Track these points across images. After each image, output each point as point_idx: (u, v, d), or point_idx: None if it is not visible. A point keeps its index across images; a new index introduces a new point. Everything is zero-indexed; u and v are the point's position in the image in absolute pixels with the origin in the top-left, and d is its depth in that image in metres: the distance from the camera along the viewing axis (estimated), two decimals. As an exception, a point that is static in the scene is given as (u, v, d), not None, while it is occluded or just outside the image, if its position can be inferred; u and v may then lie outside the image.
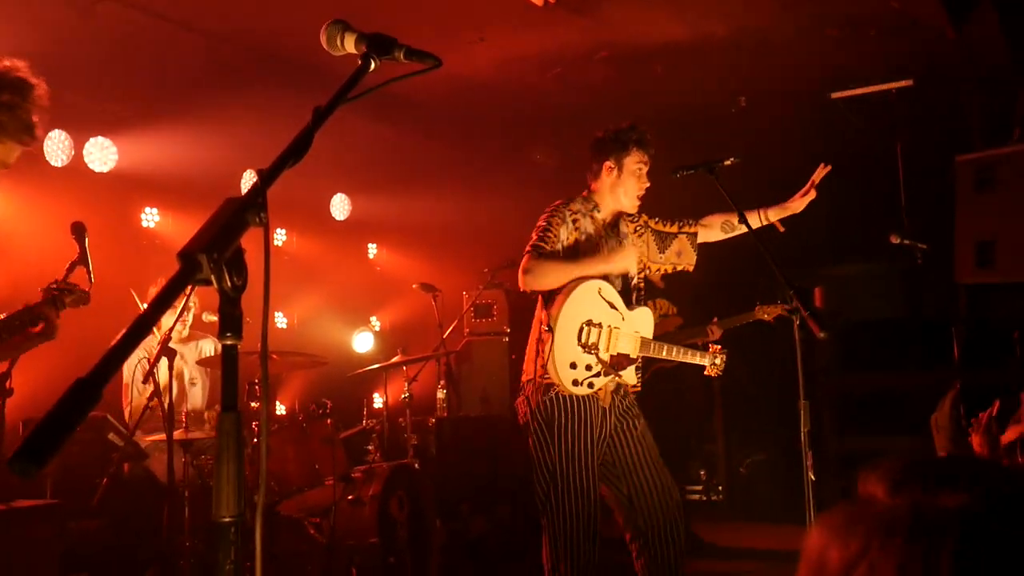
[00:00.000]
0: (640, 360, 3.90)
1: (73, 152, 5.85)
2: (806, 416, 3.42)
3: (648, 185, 3.94)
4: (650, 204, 4.10)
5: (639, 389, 3.96)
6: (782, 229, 4.05)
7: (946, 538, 0.80)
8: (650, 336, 3.91)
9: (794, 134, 7.40)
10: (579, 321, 3.68)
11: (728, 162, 3.87)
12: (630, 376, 3.89)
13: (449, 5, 5.44)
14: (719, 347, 4.06)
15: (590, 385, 3.71)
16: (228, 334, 1.16)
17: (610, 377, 3.77)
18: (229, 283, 1.14)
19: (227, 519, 1.14)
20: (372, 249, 8.14)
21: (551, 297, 3.73)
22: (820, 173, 4.15)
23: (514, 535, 6.38)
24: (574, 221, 3.81)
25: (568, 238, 3.78)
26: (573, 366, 3.66)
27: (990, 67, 6.08)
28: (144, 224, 6.35)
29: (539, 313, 3.85)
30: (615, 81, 6.64)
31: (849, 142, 7.28)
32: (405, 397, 5.73)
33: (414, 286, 6.50)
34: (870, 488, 0.93)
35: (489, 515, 6.31)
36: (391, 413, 6.03)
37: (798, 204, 4.14)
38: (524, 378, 3.85)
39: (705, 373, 4.07)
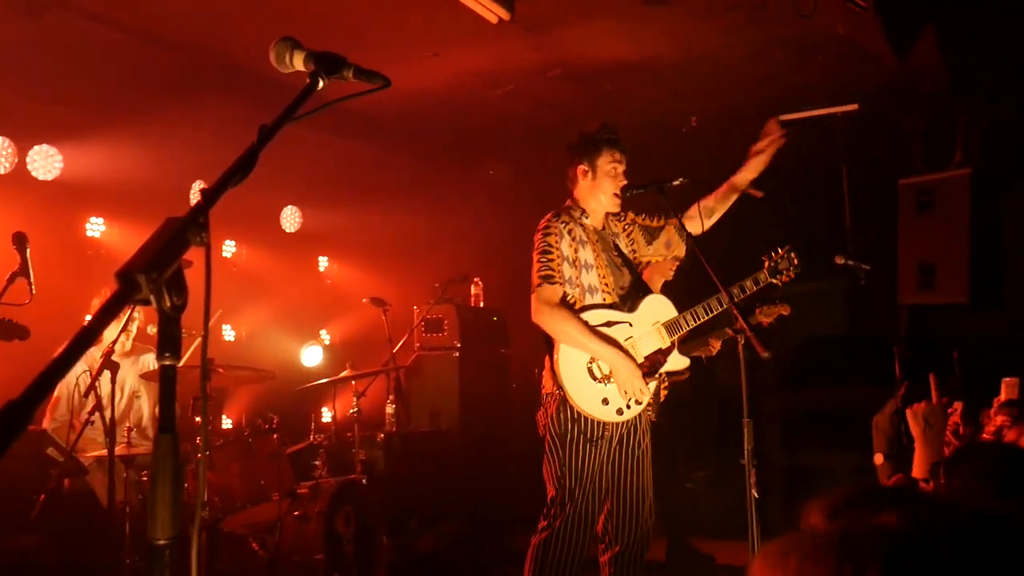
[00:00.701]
0: (677, 343, 3.90)
1: (16, 160, 5.72)
2: (750, 434, 3.47)
3: (625, 184, 3.94)
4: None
5: (654, 419, 3.97)
6: (759, 194, 4.02)
7: (873, 559, 0.83)
8: (674, 314, 3.90)
9: (743, 155, 7.52)
10: (581, 364, 3.72)
11: (677, 182, 3.93)
12: (679, 362, 3.92)
13: (404, 21, 5.44)
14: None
15: (637, 402, 3.76)
16: (167, 354, 1.15)
17: (656, 380, 3.82)
18: (168, 303, 1.13)
19: (162, 542, 1.12)
20: (323, 262, 8.09)
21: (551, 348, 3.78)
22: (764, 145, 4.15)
23: (462, 551, 6.37)
24: (569, 232, 3.82)
25: (570, 250, 3.78)
26: (606, 402, 3.72)
27: (932, 94, 6.24)
28: (89, 234, 6.23)
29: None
30: (567, 98, 6.69)
31: (796, 164, 7.41)
32: (354, 412, 5.70)
33: (364, 300, 6.47)
34: (810, 518, 0.95)
35: (437, 531, 6.29)
36: (340, 428, 5.98)
37: (750, 170, 4.19)
38: (543, 391, 3.87)
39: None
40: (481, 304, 7.43)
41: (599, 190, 3.94)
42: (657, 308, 3.92)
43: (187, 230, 1.17)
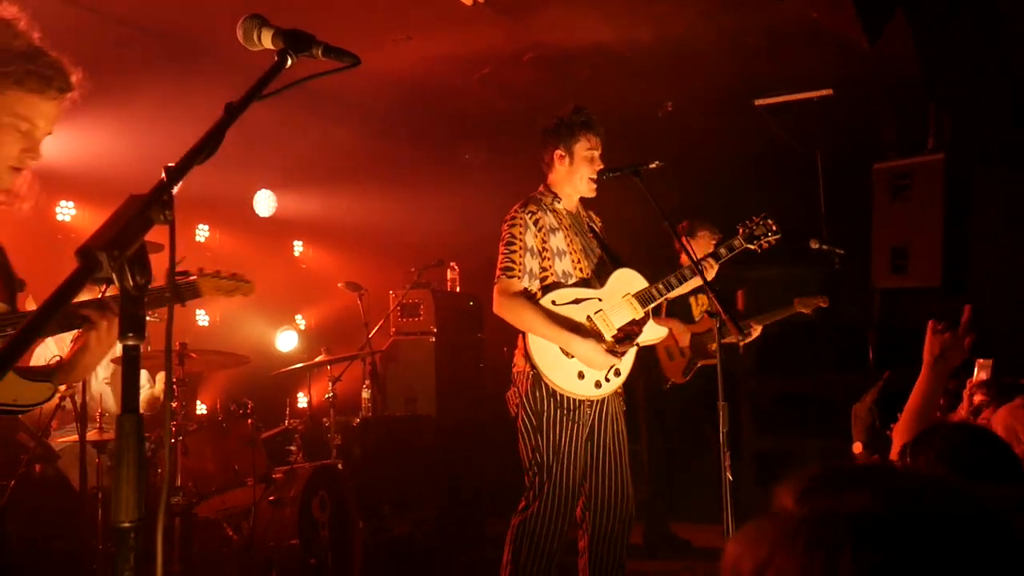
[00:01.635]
0: (650, 313, 3.90)
1: (-16, 143, 5.63)
2: (725, 417, 3.50)
3: (601, 168, 3.93)
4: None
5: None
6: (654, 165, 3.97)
7: (845, 538, 0.83)
8: (644, 285, 3.89)
9: (719, 139, 7.55)
10: (554, 346, 3.70)
11: (653, 165, 3.93)
12: (656, 331, 3.91)
13: (376, 4, 5.40)
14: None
15: (616, 373, 3.77)
16: (130, 334, 1.13)
17: (633, 347, 3.81)
18: (131, 282, 1.11)
19: (126, 524, 1.11)
20: (298, 247, 8.03)
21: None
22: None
23: (438, 536, 6.37)
24: (536, 222, 3.79)
25: (535, 241, 3.77)
26: (582, 376, 3.71)
27: (905, 79, 6.27)
28: (59, 218, 6.15)
29: None
30: (542, 82, 6.67)
31: (771, 148, 7.45)
32: (329, 397, 5.67)
33: (340, 285, 6.43)
34: (781, 500, 0.95)
35: (413, 516, 6.28)
36: (315, 413, 5.96)
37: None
38: (515, 370, 3.84)
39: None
40: (457, 289, 7.41)
41: (576, 175, 3.93)
42: (626, 280, 3.90)
43: (150, 208, 1.15)
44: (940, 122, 6.59)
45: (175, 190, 1.23)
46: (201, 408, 6.54)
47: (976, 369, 3.23)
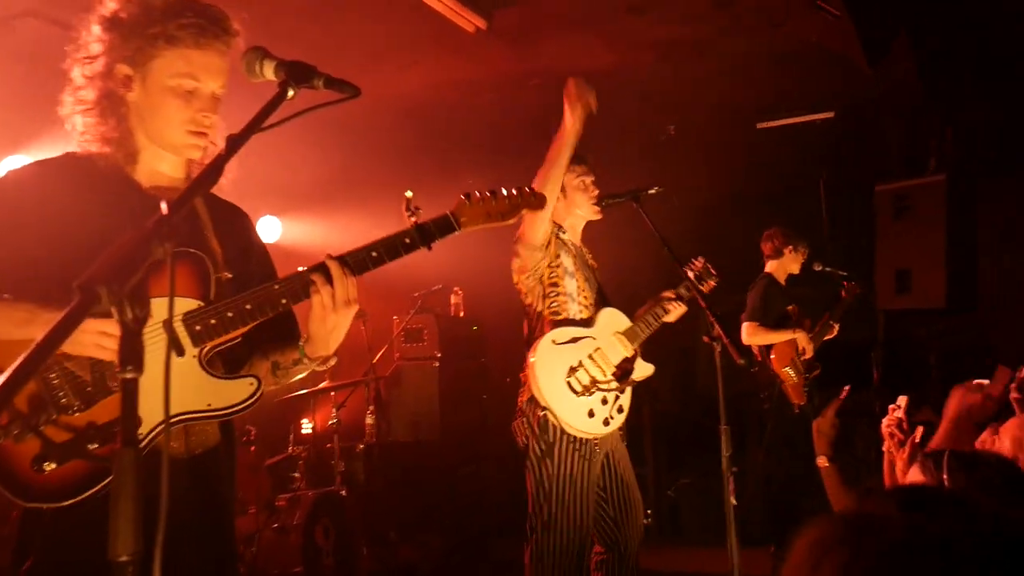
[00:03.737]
0: (639, 349, 3.97)
1: (-10, 171, 5.65)
2: (727, 441, 3.48)
3: (598, 192, 4.02)
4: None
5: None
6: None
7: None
8: (628, 324, 3.98)
9: (722, 162, 7.57)
10: (561, 379, 3.71)
11: (652, 191, 3.95)
12: (645, 368, 3.99)
13: (381, 30, 5.43)
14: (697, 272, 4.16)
15: (620, 410, 3.83)
16: (129, 367, 1.13)
17: (629, 385, 3.87)
18: (130, 315, 1.11)
19: (124, 558, 1.11)
20: (302, 272, 8.03)
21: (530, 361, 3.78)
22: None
23: (443, 562, 6.34)
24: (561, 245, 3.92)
25: (556, 262, 3.86)
26: (592, 414, 3.72)
27: (907, 100, 6.29)
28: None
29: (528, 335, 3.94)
30: (548, 107, 6.68)
31: (774, 171, 7.47)
32: (333, 423, 5.66)
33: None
34: (879, 504, 0.95)
35: (418, 542, 6.25)
36: (319, 439, 5.95)
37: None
38: (521, 400, 3.82)
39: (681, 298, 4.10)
40: (461, 314, 7.41)
41: (574, 205, 4.01)
42: (612, 319, 3.97)
43: (150, 241, 1.15)
44: (942, 143, 6.61)
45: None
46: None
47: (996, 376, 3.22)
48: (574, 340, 3.79)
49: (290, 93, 1.65)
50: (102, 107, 2.12)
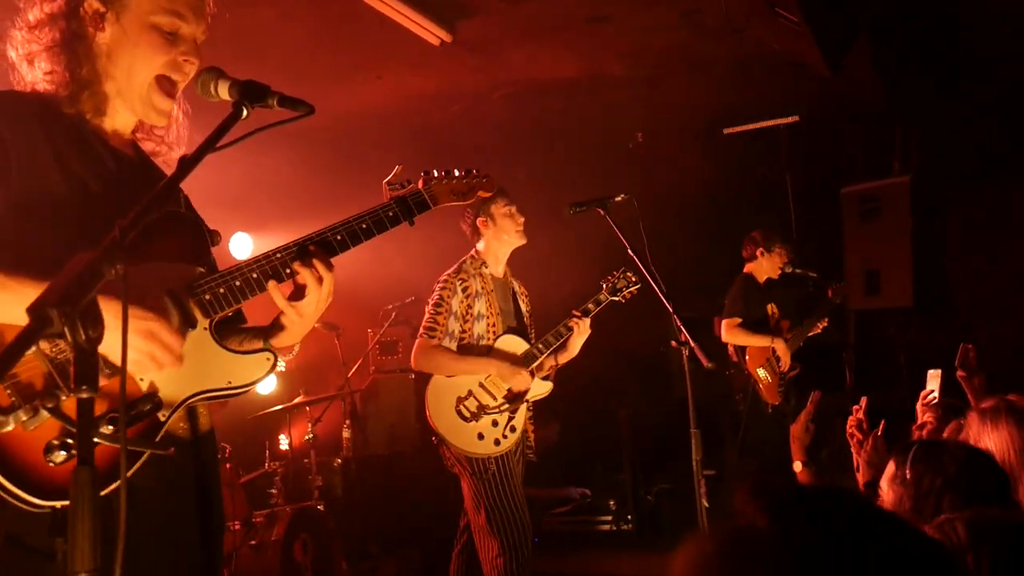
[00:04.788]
0: (537, 368, 4.24)
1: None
2: (698, 444, 3.53)
3: (523, 220, 4.26)
4: (549, 239, 4.25)
5: (533, 459, 4.35)
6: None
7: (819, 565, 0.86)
8: (525, 347, 4.24)
9: (690, 169, 7.64)
10: (449, 409, 4.03)
11: (619, 198, 4.01)
12: (542, 387, 4.31)
13: (346, 44, 5.46)
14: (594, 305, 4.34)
15: (512, 430, 4.11)
16: (83, 387, 1.15)
17: (523, 404, 4.17)
18: (83, 336, 1.13)
19: (83, 575, 1.12)
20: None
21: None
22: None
23: (423, 575, 6.32)
24: (464, 289, 4.14)
25: (460, 306, 4.12)
26: (481, 436, 4.03)
27: (869, 103, 6.38)
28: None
29: None
30: (514, 117, 6.75)
31: (741, 176, 7.54)
32: (309, 438, 5.66)
33: (316, 324, 6.40)
34: (744, 508, 0.97)
35: (398, 555, 6.24)
36: (296, 454, 5.93)
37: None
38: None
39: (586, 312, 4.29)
40: (436, 325, 7.42)
41: (503, 232, 4.26)
42: (511, 344, 4.22)
43: (101, 263, 1.17)
44: (906, 145, 6.70)
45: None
46: (181, 453, 6.48)
47: (927, 379, 3.30)
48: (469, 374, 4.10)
49: (244, 113, 1.67)
50: (69, 49, 1.88)
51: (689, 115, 6.96)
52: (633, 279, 4.33)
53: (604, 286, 4.35)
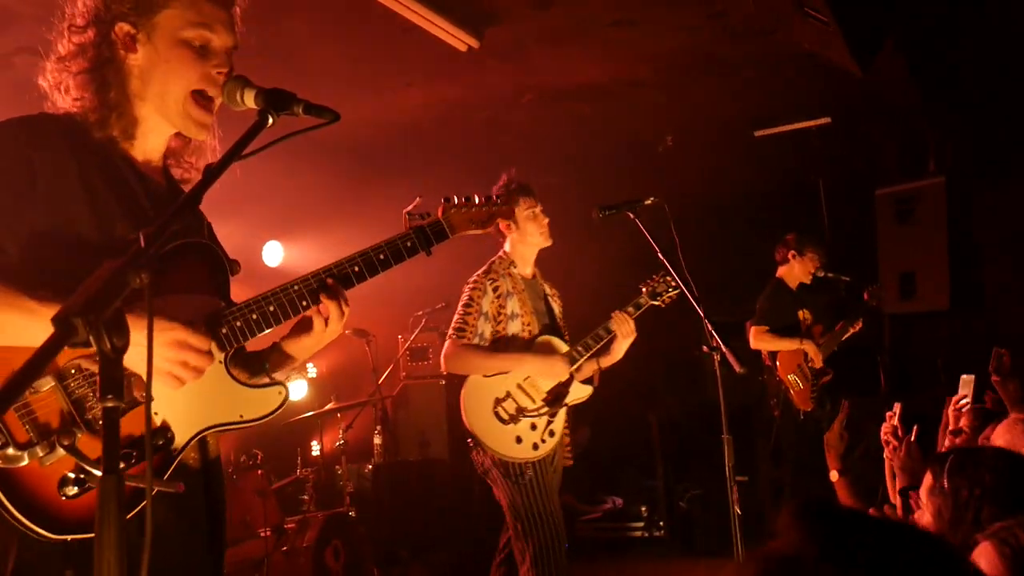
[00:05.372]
0: (575, 372, 4.11)
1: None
2: (730, 451, 3.48)
3: (548, 220, 4.20)
4: (579, 243, 4.21)
5: (570, 463, 4.24)
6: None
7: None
8: (565, 349, 4.14)
9: (721, 172, 7.58)
10: (487, 410, 3.92)
11: (649, 201, 3.98)
12: (582, 391, 4.16)
13: (374, 53, 5.47)
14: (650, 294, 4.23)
15: (551, 434, 4.00)
16: (109, 396, 1.15)
17: (561, 409, 4.05)
18: (108, 345, 1.13)
19: (109, 585, 1.12)
20: (307, 295, 8.07)
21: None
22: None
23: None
24: (495, 289, 4.07)
25: (491, 307, 4.04)
26: (519, 440, 3.92)
27: (902, 104, 6.30)
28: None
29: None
30: (543, 123, 6.73)
31: (773, 179, 7.47)
32: (340, 444, 5.68)
33: (347, 332, 6.46)
34: (786, 530, 0.95)
35: (428, 560, 6.25)
36: (328, 461, 5.96)
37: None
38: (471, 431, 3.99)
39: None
40: (466, 331, 7.42)
41: (527, 234, 4.20)
42: (548, 347, 4.13)
43: (126, 272, 1.17)
44: (940, 144, 6.61)
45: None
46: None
47: (960, 385, 3.24)
48: (504, 371, 3.98)
49: (270, 120, 1.67)
50: (98, 74, 1.89)
51: (719, 118, 6.90)
52: (672, 283, 4.23)
53: (644, 290, 4.26)
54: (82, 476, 1.66)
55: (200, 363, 1.74)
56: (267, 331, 1.96)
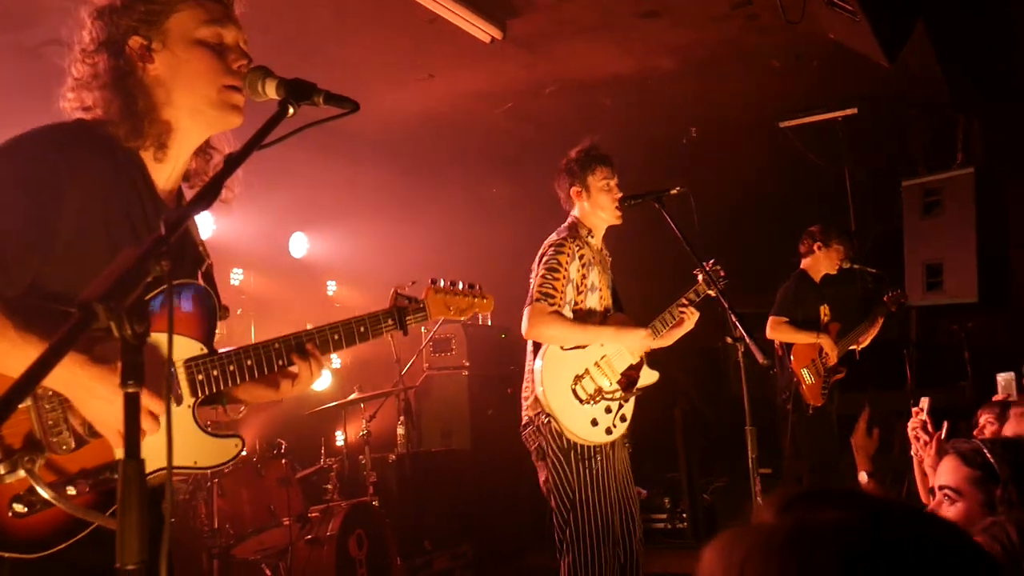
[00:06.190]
0: (645, 356, 3.98)
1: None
2: (753, 442, 3.48)
3: (620, 196, 3.99)
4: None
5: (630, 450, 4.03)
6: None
7: (826, 549, 0.83)
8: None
9: (745, 163, 7.54)
10: (566, 387, 3.71)
11: (674, 191, 3.96)
12: (650, 376, 3.99)
13: (397, 45, 5.49)
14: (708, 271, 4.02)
15: (623, 419, 3.83)
16: (130, 382, 1.16)
17: (634, 394, 3.89)
18: (130, 331, 1.14)
19: (131, 567, 1.14)
20: (331, 286, 8.12)
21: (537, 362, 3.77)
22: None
23: (477, 570, 6.35)
24: (580, 257, 3.84)
25: (577, 274, 3.82)
26: (595, 423, 3.73)
27: (930, 94, 6.22)
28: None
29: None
30: (565, 114, 6.72)
31: (798, 169, 7.42)
32: (364, 434, 5.71)
33: (372, 322, 6.47)
34: (760, 515, 0.95)
35: (452, 551, 6.28)
36: (351, 451, 5.99)
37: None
38: (532, 411, 3.80)
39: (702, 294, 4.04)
40: (489, 322, 7.44)
41: (597, 207, 3.99)
42: (627, 322, 3.97)
43: (147, 260, 1.19)
44: (968, 135, 6.52)
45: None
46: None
47: (999, 385, 3.20)
48: (581, 347, 3.80)
49: (291, 111, 1.68)
50: (121, 86, 1.88)
51: (744, 109, 6.86)
52: (722, 272, 4.12)
53: (700, 276, 4.03)
54: (33, 499, 1.68)
55: (148, 428, 1.73)
56: (240, 384, 1.99)
